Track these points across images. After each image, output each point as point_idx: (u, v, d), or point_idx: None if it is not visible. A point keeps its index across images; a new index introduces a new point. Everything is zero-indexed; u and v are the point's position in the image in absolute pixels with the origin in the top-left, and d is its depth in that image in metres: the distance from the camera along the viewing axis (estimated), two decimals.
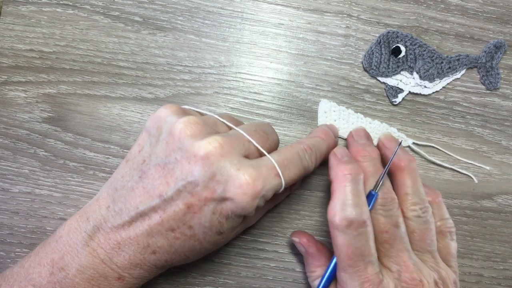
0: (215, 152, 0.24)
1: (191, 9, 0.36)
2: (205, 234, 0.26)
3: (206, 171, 0.24)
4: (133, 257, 0.26)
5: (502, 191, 0.36)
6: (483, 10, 0.37)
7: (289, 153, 0.27)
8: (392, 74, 0.35)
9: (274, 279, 0.34)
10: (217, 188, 0.24)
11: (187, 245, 0.26)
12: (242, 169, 0.24)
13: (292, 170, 0.27)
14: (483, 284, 0.35)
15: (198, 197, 0.24)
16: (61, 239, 0.27)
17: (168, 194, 0.25)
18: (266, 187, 0.25)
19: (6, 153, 0.34)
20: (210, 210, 0.25)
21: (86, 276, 0.26)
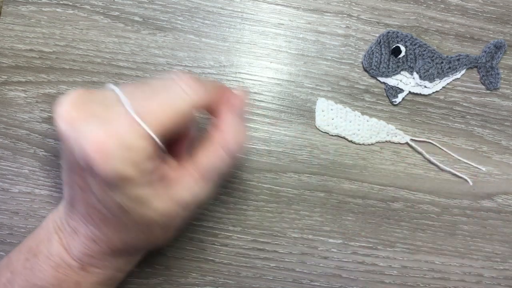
0: (64, 122, 0.22)
1: (191, 9, 0.36)
2: (112, 213, 0.23)
3: (66, 146, 0.23)
4: (82, 247, 0.25)
5: (502, 191, 0.36)
6: (483, 10, 0.37)
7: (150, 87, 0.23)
8: (392, 74, 0.35)
9: (274, 279, 0.34)
10: (77, 160, 0.22)
11: (111, 228, 0.24)
12: (87, 129, 0.21)
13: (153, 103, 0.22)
14: (483, 284, 0.35)
15: (78, 176, 0.23)
16: (40, 228, 0.28)
17: (68, 180, 0.25)
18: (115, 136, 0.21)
19: (6, 153, 0.34)
20: (93, 187, 0.23)
21: (53, 263, 0.26)
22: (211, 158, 0.24)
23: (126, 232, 0.25)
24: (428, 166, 0.36)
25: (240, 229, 0.34)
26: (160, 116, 0.22)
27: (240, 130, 0.25)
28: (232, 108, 0.25)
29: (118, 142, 0.21)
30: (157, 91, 0.23)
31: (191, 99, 0.23)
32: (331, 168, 0.35)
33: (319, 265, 0.34)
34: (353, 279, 0.35)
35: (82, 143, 0.21)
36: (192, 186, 0.24)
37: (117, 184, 0.21)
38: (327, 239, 0.35)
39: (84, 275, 0.26)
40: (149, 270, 0.34)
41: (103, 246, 0.25)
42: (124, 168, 0.21)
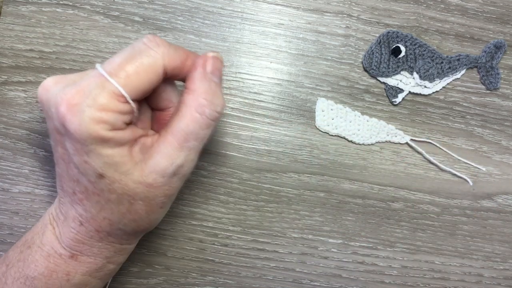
0: (42, 89, 0.23)
1: (191, 9, 0.36)
2: (91, 184, 0.23)
3: (45, 113, 0.23)
4: (70, 232, 0.25)
5: (502, 191, 0.36)
6: (483, 10, 0.37)
7: (122, 51, 0.23)
8: (392, 74, 0.35)
9: (274, 279, 0.34)
10: (54, 124, 0.23)
11: (93, 203, 0.24)
12: (61, 92, 0.22)
13: (124, 63, 0.22)
14: (483, 284, 0.35)
15: (59, 145, 0.24)
16: (37, 222, 0.28)
17: (55, 157, 0.25)
18: (84, 94, 0.21)
19: (6, 153, 0.34)
20: (70, 151, 0.23)
21: (44, 253, 0.26)
22: (186, 122, 0.24)
23: (109, 208, 0.24)
24: (428, 166, 0.36)
25: (240, 229, 0.34)
26: (132, 76, 0.22)
27: (214, 91, 0.24)
28: (204, 70, 0.24)
29: (88, 99, 0.21)
30: (127, 53, 0.23)
31: (161, 57, 0.23)
32: (331, 168, 0.35)
33: (319, 265, 0.34)
34: (353, 279, 0.35)
35: (57, 102, 0.22)
36: (169, 153, 0.24)
37: (91, 145, 0.22)
38: (327, 239, 0.35)
39: (74, 265, 0.26)
40: (149, 270, 0.34)
41: (90, 228, 0.25)
42: (95, 125, 0.21)
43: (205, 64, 0.25)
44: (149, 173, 0.24)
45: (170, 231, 0.34)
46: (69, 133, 0.22)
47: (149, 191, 0.24)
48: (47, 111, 0.23)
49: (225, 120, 0.35)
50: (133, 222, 0.25)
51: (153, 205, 0.25)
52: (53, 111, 0.22)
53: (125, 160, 0.23)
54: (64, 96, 0.22)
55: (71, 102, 0.21)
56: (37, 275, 0.26)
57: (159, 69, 0.23)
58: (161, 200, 0.25)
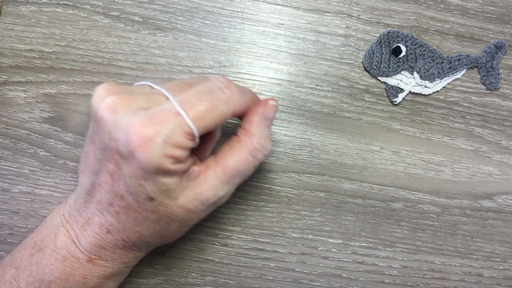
0: (109, 109, 0.23)
1: (191, 9, 0.36)
2: (137, 203, 0.24)
3: (106, 131, 0.23)
4: (93, 237, 0.26)
5: (502, 191, 0.36)
6: (483, 10, 0.37)
7: (196, 89, 0.24)
8: (393, 74, 0.35)
9: (274, 279, 0.34)
10: (118, 146, 0.23)
11: (130, 218, 0.25)
12: (132, 119, 0.22)
13: (200, 105, 0.23)
14: (483, 284, 0.35)
15: (112, 162, 0.24)
16: (45, 223, 0.28)
17: (95, 167, 0.25)
18: (162, 130, 0.22)
19: (6, 153, 0.34)
20: (126, 173, 0.23)
21: (60, 256, 0.26)
22: (238, 161, 0.26)
23: (145, 225, 0.25)
24: (428, 166, 0.36)
25: (240, 229, 0.34)
26: (205, 118, 0.24)
27: (267, 136, 0.27)
28: (263, 115, 0.27)
29: (163, 135, 0.22)
30: (202, 94, 0.24)
31: (233, 105, 0.25)
32: (331, 168, 0.35)
33: (319, 265, 0.34)
34: (353, 279, 0.35)
35: (129, 130, 0.22)
36: (215, 185, 0.26)
37: (154, 174, 0.23)
38: (327, 239, 0.35)
39: (91, 268, 0.26)
40: (149, 270, 0.34)
41: (117, 237, 0.26)
42: (166, 160, 0.22)
43: (265, 112, 0.27)
44: (193, 199, 0.25)
45: None
46: (136, 161, 0.22)
47: (188, 215, 0.26)
48: (110, 132, 0.23)
49: None
50: (161, 238, 0.27)
51: (185, 226, 0.27)
52: (120, 135, 0.22)
53: (177, 187, 0.24)
54: (137, 125, 0.22)
55: (146, 135, 0.22)
56: (53, 278, 0.26)
57: (228, 115, 0.25)
58: (193, 223, 0.27)
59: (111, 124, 0.23)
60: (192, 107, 0.23)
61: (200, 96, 0.24)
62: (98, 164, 0.25)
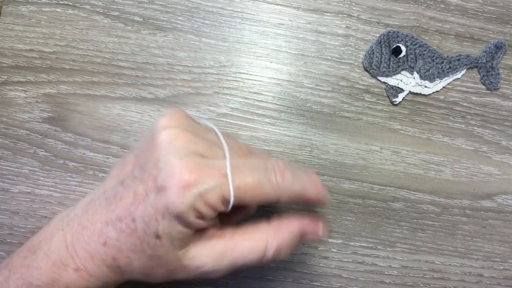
0: (168, 139, 0.23)
1: (191, 9, 0.36)
2: (144, 233, 0.24)
3: (154, 157, 0.23)
4: (87, 244, 0.25)
5: (502, 191, 0.36)
6: (483, 10, 0.37)
7: (253, 162, 0.24)
8: (393, 73, 0.35)
9: (274, 279, 0.34)
10: (157, 176, 0.23)
11: (129, 242, 0.24)
12: (184, 160, 0.22)
13: (249, 178, 0.23)
14: (483, 284, 0.35)
15: (143, 185, 0.24)
16: (47, 225, 0.28)
17: (127, 180, 0.25)
18: (204, 184, 0.22)
19: (6, 153, 0.34)
20: (150, 202, 0.23)
21: (51, 261, 0.25)
22: (249, 250, 0.25)
23: (139, 255, 0.25)
24: (428, 166, 0.36)
25: None
26: (247, 192, 0.23)
27: (288, 247, 0.26)
28: (301, 228, 0.26)
29: (203, 190, 0.22)
30: (256, 169, 0.24)
31: (280, 192, 0.24)
32: (331, 168, 0.35)
33: (319, 265, 0.34)
34: (353, 279, 0.35)
35: (175, 168, 0.22)
36: (219, 257, 0.25)
37: (174, 218, 0.23)
38: (327, 239, 0.35)
39: (75, 280, 0.25)
40: None
41: (110, 253, 0.25)
42: (191, 212, 0.22)
43: (306, 229, 0.26)
44: (191, 258, 0.25)
45: None
46: (165, 197, 0.22)
47: (178, 269, 0.25)
48: (158, 160, 0.23)
49: (225, 120, 0.35)
50: (145, 275, 0.26)
51: (170, 277, 0.26)
52: (165, 167, 0.23)
53: (185, 239, 0.24)
54: (185, 168, 0.22)
55: (187, 180, 0.22)
56: (40, 283, 0.25)
57: (271, 198, 0.24)
58: (178, 278, 0.26)
59: (163, 153, 0.23)
60: (240, 176, 0.23)
61: (253, 170, 0.24)
62: (130, 179, 0.25)
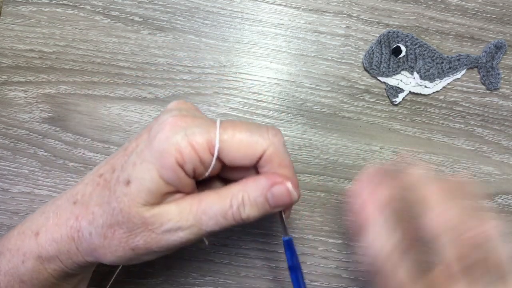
0: (168, 113, 0.24)
1: (191, 9, 0.36)
2: (116, 180, 0.23)
3: (152, 124, 0.24)
4: (60, 207, 0.25)
5: (502, 191, 0.36)
6: (483, 10, 0.37)
7: (245, 124, 0.24)
8: (393, 74, 0.35)
9: (274, 279, 0.34)
10: (151, 129, 0.24)
11: (99, 194, 0.24)
12: (178, 113, 0.23)
13: (238, 129, 0.23)
14: None
15: (137, 141, 0.24)
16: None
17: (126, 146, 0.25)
18: (192, 127, 0.23)
19: (6, 153, 0.34)
20: (137, 151, 0.24)
21: (22, 228, 0.26)
22: (213, 203, 0.23)
23: (101, 211, 0.24)
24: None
25: (240, 229, 0.34)
26: (233, 142, 0.23)
27: (257, 204, 0.24)
28: (268, 180, 0.24)
29: (189, 132, 0.22)
30: (248, 127, 0.24)
31: (268, 143, 0.24)
32: (331, 168, 0.35)
33: (319, 265, 0.34)
34: (353, 279, 0.34)
35: (168, 119, 0.23)
36: (182, 212, 0.23)
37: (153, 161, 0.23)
38: (327, 239, 0.35)
39: (32, 245, 0.25)
40: (149, 270, 0.34)
41: (75, 211, 0.25)
42: (173, 154, 0.22)
43: (275, 180, 0.24)
44: (155, 215, 0.23)
45: None
46: (151, 141, 0.23)
47: (140, 228, 0.23)
48: (159, 117, 0.24)
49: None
50: (104, 240, 0.24)
51: (130, 243, 0.24)
52: (161, 121, 0.23)
53: (154, 194, 0.23)
54: (179, 118, 0.23)
55: (177, 124, 0.23)
56: (3, 249, 0.26)
57: (260, 150, 0.24)
58: (138, 243, 0.24)
59: (160, 117, 0.24)
60: (230, 131, 0.23)
61: (243, 126, 0.24)
62: (128, 142, 0.25)
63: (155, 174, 0.23)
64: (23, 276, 0.26)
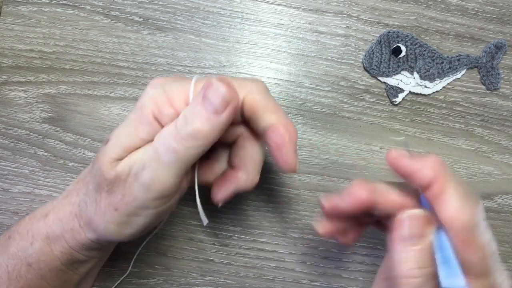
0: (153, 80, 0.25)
1: (191, 9, 0.36)
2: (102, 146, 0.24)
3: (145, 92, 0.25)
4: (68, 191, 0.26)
5: (502, 191, 0.36)
6: (483, 10, 0.37)
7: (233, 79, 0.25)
8: (393, 74, 0.35)
9: (274, 279, 0.34)
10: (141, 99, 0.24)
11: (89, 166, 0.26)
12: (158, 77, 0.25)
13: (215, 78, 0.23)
14: None
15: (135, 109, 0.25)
16: None
17: None
18: (169, 84, 0.23)
19: (6, 153, 0.34)
20: None
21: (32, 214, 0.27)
22: (165, 130, 0.23)
23: (88, 178, 0.25)
24: None
25: (240, 229, 0.34)
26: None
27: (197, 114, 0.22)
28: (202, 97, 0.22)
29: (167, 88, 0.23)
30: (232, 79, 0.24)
31: (245, 92, 0.24)
32: (331, 168, 0.35)
33: (319, 265, 0.34)
34: (353, 279, 0.35)
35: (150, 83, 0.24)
36: (145, 152, 0.23)
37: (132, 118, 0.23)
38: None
39: (41, 226, 0.26)
40: (149, 270, 0.34)
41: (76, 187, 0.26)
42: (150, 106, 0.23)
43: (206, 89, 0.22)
44: (126, 164, 0.23)
45: (170, 231, 0.34)
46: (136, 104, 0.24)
47: (114, 177, 0.23)
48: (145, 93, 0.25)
49: None
50: (95, 204, 0.24)
51: (111, 201, 0.23)
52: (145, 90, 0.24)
53: (131, 147, 0.23)
54: (158, 79, 0.24)
55: (156, 82, 0.24)
56: (12, 234, 0.26)
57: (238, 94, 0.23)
58: (117, 200, 0.23)
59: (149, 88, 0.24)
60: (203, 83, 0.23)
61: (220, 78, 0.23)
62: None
63: (132, 129, 0.23)
64: (30, 258, 0.26)
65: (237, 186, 0.26)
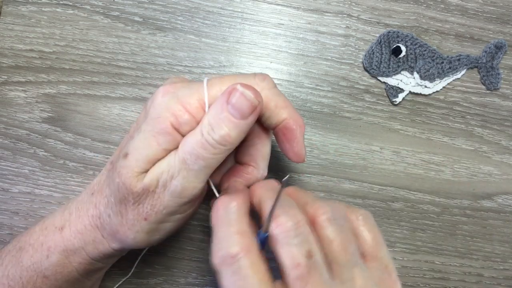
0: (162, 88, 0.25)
1: (191, 9, 0.36)
2: (118, 157, 0.25)
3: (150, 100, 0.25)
4: (81, 202, 0.27)
5: (502, 191, 0.36)
6: (483, 10, 0.37)
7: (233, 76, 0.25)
8: (393, 73, 0.35)
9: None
10: (148, 105, 0.25)
11: (108, 175, 0.26)
12: (168, 82, 0.25)
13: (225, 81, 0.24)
14: (483, 284, 0.35)
15: (137, 121, 0.26)
16: None
17: None
18: (182, 90, 0.23)
19: (6, 153, 0.34)
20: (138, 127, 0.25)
21: (43, 224, 0.27)
22: (191, 138, 0.23)
23: (109, 191, 0.25)
24: (429, 166, 0.36)
25: None
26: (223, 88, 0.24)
27: (222, 120, 0.22)
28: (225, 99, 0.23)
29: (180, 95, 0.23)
30: (235, 80, 0.24)
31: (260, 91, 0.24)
32: (331, 168, 0.35)
33: None
34: None
35: (160, 89, 0.24)
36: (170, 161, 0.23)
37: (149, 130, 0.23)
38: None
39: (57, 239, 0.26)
40: (149, 270, 0.34)
41: (93, 200, 0.26)
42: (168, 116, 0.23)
43: (229, 94, 0.23)
44: (152, 176, 0.23)
45: None
46: (151, 108, 0.24)
47: (141, 190, 0.23)
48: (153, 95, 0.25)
49: None
50: (120, 216, 0.24)
51: (141, 212, 0.24)
52: (155, 93, 0.24)
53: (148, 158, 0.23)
54: (169, 85, 0.24)
55: (168, 89, 0.24)
56: (25, 245, 0.26)
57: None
58: (147, 210, 0.24)
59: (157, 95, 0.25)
60: (217, 85, 0.24)
61: (229, 78, 0.24)
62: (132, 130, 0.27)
63: (152, 141, 0.23)
64: (46, 271, 0.26)
65: (248, 181, 0.27)
